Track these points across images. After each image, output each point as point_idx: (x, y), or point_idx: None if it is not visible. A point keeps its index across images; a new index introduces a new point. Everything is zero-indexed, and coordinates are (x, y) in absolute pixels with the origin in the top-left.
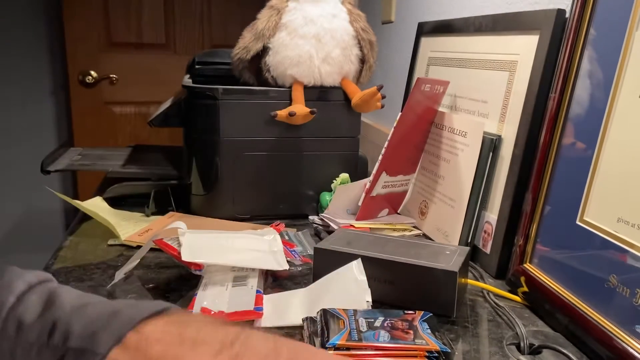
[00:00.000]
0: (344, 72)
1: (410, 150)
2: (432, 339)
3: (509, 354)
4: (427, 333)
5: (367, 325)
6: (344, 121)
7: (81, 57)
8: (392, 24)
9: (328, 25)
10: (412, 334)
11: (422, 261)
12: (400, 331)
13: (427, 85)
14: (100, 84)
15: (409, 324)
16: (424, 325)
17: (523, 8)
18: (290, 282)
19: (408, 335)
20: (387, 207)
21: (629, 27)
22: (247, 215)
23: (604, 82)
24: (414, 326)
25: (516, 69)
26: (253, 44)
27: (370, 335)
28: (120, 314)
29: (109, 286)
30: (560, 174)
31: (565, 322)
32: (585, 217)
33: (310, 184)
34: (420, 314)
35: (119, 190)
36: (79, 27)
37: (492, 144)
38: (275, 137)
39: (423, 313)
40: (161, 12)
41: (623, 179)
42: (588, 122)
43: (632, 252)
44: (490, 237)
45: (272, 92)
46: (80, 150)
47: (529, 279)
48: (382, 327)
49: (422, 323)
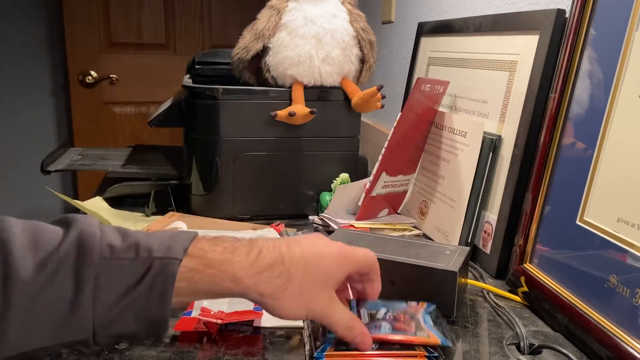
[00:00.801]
0: (344, 72)
1: (410, 150)
2: (434, 331)
3: (509, 354)
4: (429, 326)
5: (369, 317)
6: (344, 121)
7: (81, 57)
8: (392, 24)
9: (328, 25)
10: (414, 326)
11: (422, 261)
12: (402, 323)
13: (427, 85)
14: (100, 84)
15: (412, 316)
16: (427, 317)
17: (523, 8)
18: None
19: (409, 328)
20: (387, 207)
21: (629, 27)
22: (247, 215)
23: (604, 82)
24: (416, 318)
25: (516, 69)
26: (253, 44)
27: (372, 326)
28: (177, 236)
29: None
30: (560, 174)
31: (565, 322)
32: (585, 217)
33: (310, 184)
34: (423, 305)
35: (119, 190)
36: (79, 27)
37: (492, 144)
38: (275, 137)
39: (427, 305)
40: (161, 12)
41: (623, 179)
42: (588, 122)
43: (632, 252)
44: (490, 237)
45: (272, 92)
46: (80, 150)
47: (529, 279)
48: (385, 319)
49: (425, 315)
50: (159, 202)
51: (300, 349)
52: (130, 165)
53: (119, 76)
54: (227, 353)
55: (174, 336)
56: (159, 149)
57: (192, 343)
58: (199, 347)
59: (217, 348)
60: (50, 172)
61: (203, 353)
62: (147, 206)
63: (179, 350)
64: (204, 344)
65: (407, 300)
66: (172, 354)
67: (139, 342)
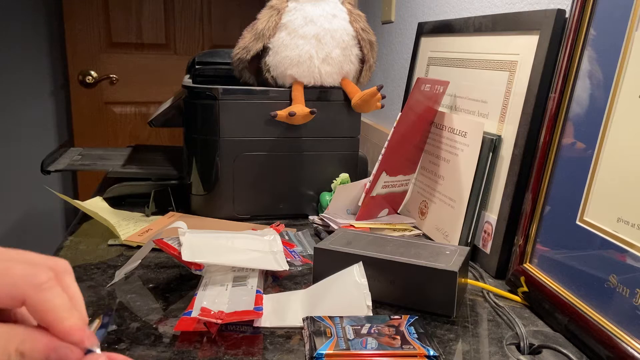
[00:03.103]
0: (344, 72)
1: (410, 150)
2: (420, 343)
3: (509, 354)
4: (414, 338)
5: (354, 333)
6: (344, 121)
7: (81, 57)
8: (392, 24)
9: (328, 25)
10: (400, 339)
11: (422, 261)
12: (387, 337)
13: (427, 85)
14: (100, 84)
15: (396, 329)
16: (411, 329)
17: (523, 8)
18: (290, 282)
19: (395, 342)
20: (387, 207)
21: (629, 27)
22: (247, 215)
23: (604, 82)
24: (400, 332)
25: (516, 69)
26: (253, 44)
27: (357, 343)
28: None
29: (109, 286)
30: (560, 174)
31: (565, 322)
32: (585, 217)
33: (310, 184)
34: (406, 318)
35: (119, 190)
36: (79, 27)
37: (492, 144)
38: (275, 137)
39: (409, 317)
40: (161, 12)
41: (623, 179)
42: (588, 122)
43: (632, 252)
44: (490, 237)
45: (272, 92)
46: (80, 150)
47: (529, 279)
48: (369, 334)
49: (408, 328)
50: (159, 202)
51: (300, 349)
52: (130, 165)
53: (119, 76)
54: (227, 353)
55: (174, 336)
56: (159, 149)
57: (192, 343)
58: (199, 347)
59: (217, 348)
60: (50, 172)
61: (203, 353)
62: (147, 206)
63: (179, 350)
64: (204, 344)
65: (406, 301)
66: (172, 354)
67: (138, 342)
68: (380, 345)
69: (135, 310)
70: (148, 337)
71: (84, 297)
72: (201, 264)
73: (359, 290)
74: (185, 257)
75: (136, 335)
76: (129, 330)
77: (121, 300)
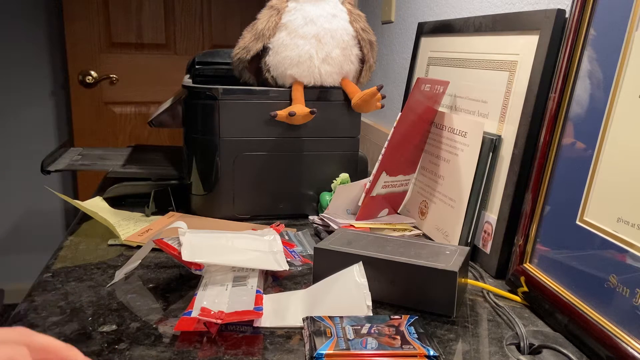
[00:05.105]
0: (344, 72)
1: (410, 150)
2: (420, 343)
3: (509, 354)
4: (414, 338)
5: (354, 333)
6: (344, 121)
7: (81, 57)
8: (392, 24)
9: (328, 25)
10: (400, 339)
11: (422, 261)
12: (387, 337)
13: (427, 85)
14: (100, 84)
15: (396, 329)
16: (411, 329)
17: (523, 8)
18: (290, 282)
19: (395, 342)
20: (387, 207)
21: (629, 27)
22: (247, 216)
23: (604, 82)
24: (400, 331)
25: (516, 69)
26: (253, 44)
27: (357, 343)
28: None
29: (109, 286)
30: (560, 174)
31: (565, 322)
32: (585, 217)
33: (310, 184)
34: (406, 318)
35: (119, 190)
36: (79, 27)
37: (492, 144)
38: (275, 137)
39: (409, 317)
40: (161, 12)
41: (623, 179)
42: (588, 122)
43: (632, 252)
44: (490, 237)
45: (272, 92)
46: (80, 150)
47: (529, 279)
48: (369, 334)
49: (408, 327)
50: (159, 202)
51: (300, 349)
52: (130, 165)
53: (119, 76)
54: (227, 353)
55: (174, 336)
56: (159, 149)
57: (192, 343)
58: (199, 347)
59: (217, 348)
60: (50, 172)
61: (203, 353)
62: (147, 206)
63: (179, 350)
64: (204, 344)
65: (406, 301)
66: (172, 354)
67: (138, 342)
68: (380, 345)
69: (135, 310)
70: (148, 337)
71: (84, 297)
72: (201, 264)
73: (359, 290)
74: (185, 257)
75: (136, 335)
76: (129, 330)
77: (121, 300)
